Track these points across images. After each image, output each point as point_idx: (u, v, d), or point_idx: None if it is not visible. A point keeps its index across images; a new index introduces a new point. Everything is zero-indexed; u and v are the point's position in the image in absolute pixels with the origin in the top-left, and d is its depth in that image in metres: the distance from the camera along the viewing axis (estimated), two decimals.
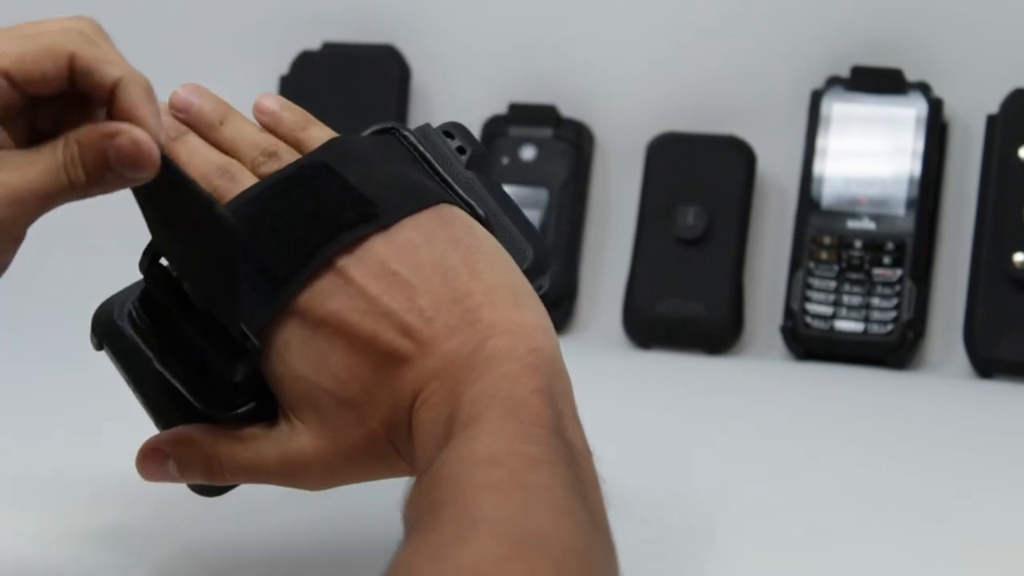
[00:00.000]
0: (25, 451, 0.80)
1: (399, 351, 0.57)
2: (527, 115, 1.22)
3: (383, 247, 0.58)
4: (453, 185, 0.63)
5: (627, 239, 1.19)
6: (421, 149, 0.64)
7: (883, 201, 1.13)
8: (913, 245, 1.12)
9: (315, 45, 1.26)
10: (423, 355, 0.56)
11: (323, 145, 0.63)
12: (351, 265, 0.58)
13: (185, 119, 0.64)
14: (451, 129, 0.66)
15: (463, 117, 1.22)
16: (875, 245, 1.13)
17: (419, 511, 0.50)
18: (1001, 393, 1.07)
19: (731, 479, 0.81)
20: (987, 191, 1.11)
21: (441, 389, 0.56)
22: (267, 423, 0.59)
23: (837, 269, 1.13)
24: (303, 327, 0.58)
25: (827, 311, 1.13)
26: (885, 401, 1.04)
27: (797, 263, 1.14)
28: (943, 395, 1.06)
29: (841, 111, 1.15)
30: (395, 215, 0.59)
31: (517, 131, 1.22)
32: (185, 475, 0.60)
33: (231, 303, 0.57)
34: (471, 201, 0.62)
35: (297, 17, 1.28)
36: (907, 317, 1.11)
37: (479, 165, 0.65)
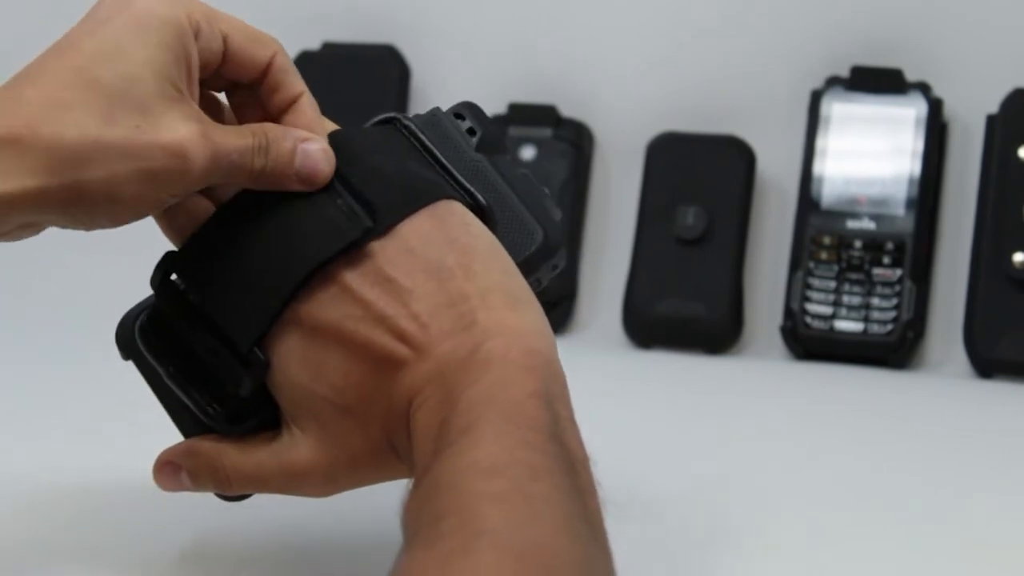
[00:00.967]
0: (25, 451, 0.80)
1: (395, 356, 0.57)
2: (527, 115, 1.22)
3: (379, 253, 0.58)
4: (455, 174, 0.62)
5: (627, 239, 1.19)
6: (422, 138, 0.63)
7: (883, 201, 1.14)
8: (913, 245, 1.12)
9: (315, 45, 1.26)
10: (419, 359, 0.57)
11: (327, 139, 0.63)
12: (347, 273, 0.58)
13: None
14: (462, 110, 0.65)
15: None
16: (875, 245, 1.13)
17: (420, 520, 0.50)
18: (1001, 393, 1.07)
19: (731, 479, 0.81)
20: (987, 191, 1.11)
21: (437, 392, 0.56)
22: (271, 433, 0.60)
23: (837, 269, 1.13)
24: (301, 336, 0.58)
25: (827, 311, 1.13)
26: (885, 401, 1.04)
27: (797, 263, 1.14)
28: (943, 395, 1.06)
29: (841, 111, 1.15)
30: (392, 219, 0.59)
31: (517, 131, 1.22)
32: (197, 485, 0.61)
33: (246, 315, 0.58)
34: (472, 190, 0.62)
35: (297, 17, 1.28)
36: (907, 317, 1.11)
37: (492, 146, 0.64)
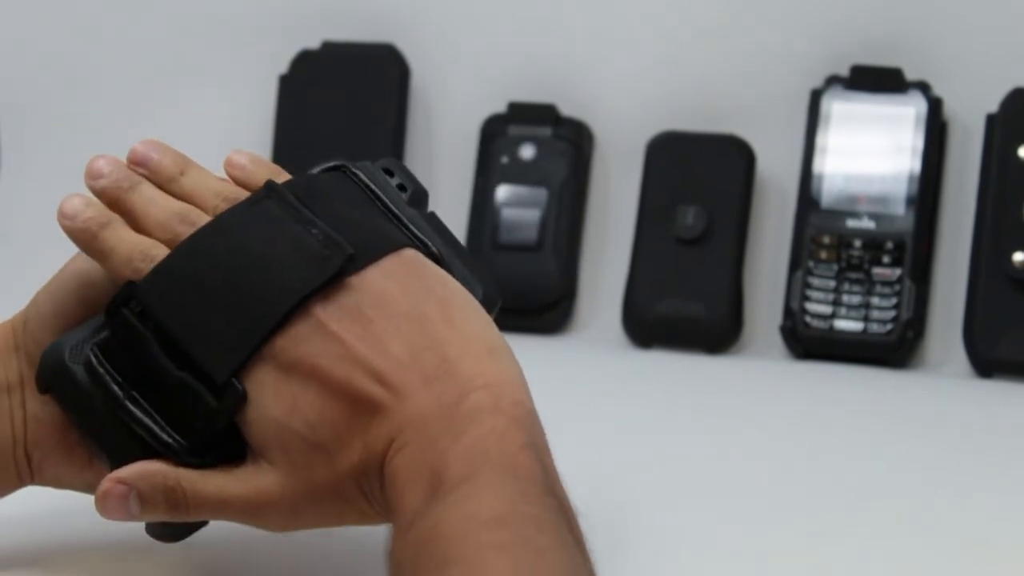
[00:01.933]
0: None
1: (372, 398, 0.56)
2: (526, 114, 1.22)
3: (357, 293, 0.58)
4: (408, 225, 0.63)
5: (627, 239, 1.19)
6: (374, 188, 0.63)
7: (883, 200, 1.14)
8: (913, 244, 1.12)
9: (315, 44, 1.26)
10: (397, 402, 0.56)
11: (290, 182, 0.62)
12: (326, 310, 0.58)
13: (143, 173, 0.63)
14: (390, 166, 0.65)
15: (463, 116, 1.24)
16: (875, 244, 1.13)
17: (419, 567, 0.50)
18: (1001, 393, 1.07)
19: (731, 478, 0.81)
20: (987, 190, 1.11)
21: (418, 439, 0.55)
22: (231, 465, 0.59)
23: (837, 268, 1.13)
24: (276, 370, 0.58)
25: (827, 310, 1.13)
26: (885, 401, 1.04)
27: (797, 262, 1.14)
28: (943, 395, 1.06)
29: (841, 110, 1.15)
30: (367, 260, 0.59)
31: (516, 130, 1.22)
32: (147, 509, 0.59)
33: (222, 345, 0.58)
34: (427, 241, 0.62)
35: (297, 16, 1.28)
36: (907, 316, 1.11)
37: (419, 202, 0.65)
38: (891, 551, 0.70)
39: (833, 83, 1.16)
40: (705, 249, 1.16)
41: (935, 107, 1.14)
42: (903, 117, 1.14)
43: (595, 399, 0.99)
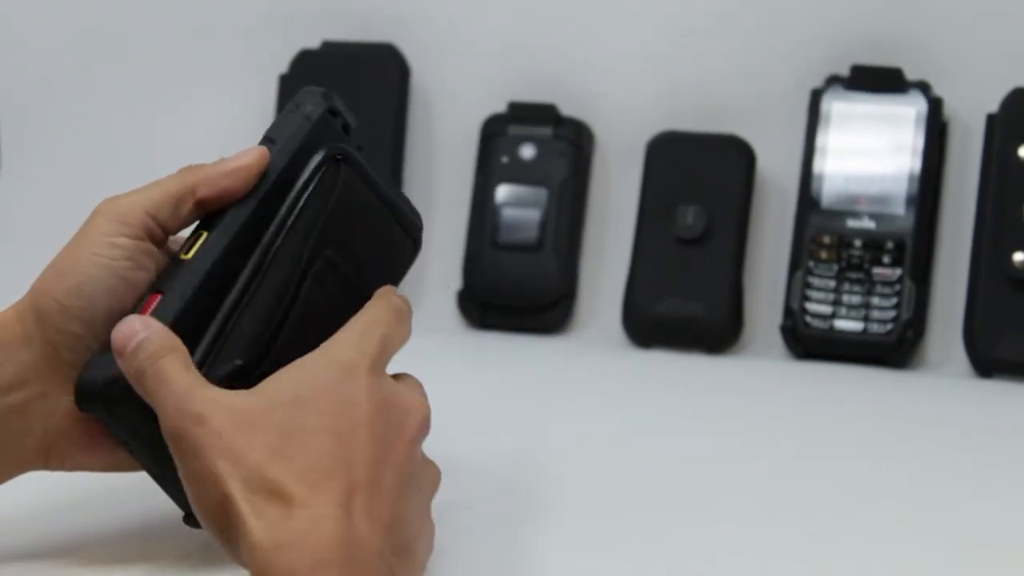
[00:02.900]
0: None
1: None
2: (527, 114, 1.22)
3: None
4: (399, 206, 0.67)
5: (627, 238, 1.19)
6: (370, 173, 0.67)
7: (883, 200, 1.14)
8: (913, 244, 1.12)
9: (315, 44, 1.26)
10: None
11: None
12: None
13: None
14: (335, 105, 0.68)
15: (463, 115, 1.24)
16: (875, 244, 1.13)
17: None
18: (1001, 393, 1.07)
19: (731, 478, 0.81)
20: (987, 190, 1.11)
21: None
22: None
23: (837, 268, 1.13)
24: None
25: (827, 310, 1.13)
26: (885, 401, 1.04)
27: (797, 262, 1.14)
28: (943, 395, 1.06)
29: (841, 110, 1.15)
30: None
31: (516, 130, 1.22)
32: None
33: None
34: (419, 224, 0.68)
35: (297, 16, 1.28)
36: (907, 316, 1.11)
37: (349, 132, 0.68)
38: (891, 551, 0.70)
39: (833, 83, 1.16)
40: (705, 249, 1.16)
41: (935, 107, 1.14)
42: (903, 117, 1.14)
43: (595, 399, 0.99)
